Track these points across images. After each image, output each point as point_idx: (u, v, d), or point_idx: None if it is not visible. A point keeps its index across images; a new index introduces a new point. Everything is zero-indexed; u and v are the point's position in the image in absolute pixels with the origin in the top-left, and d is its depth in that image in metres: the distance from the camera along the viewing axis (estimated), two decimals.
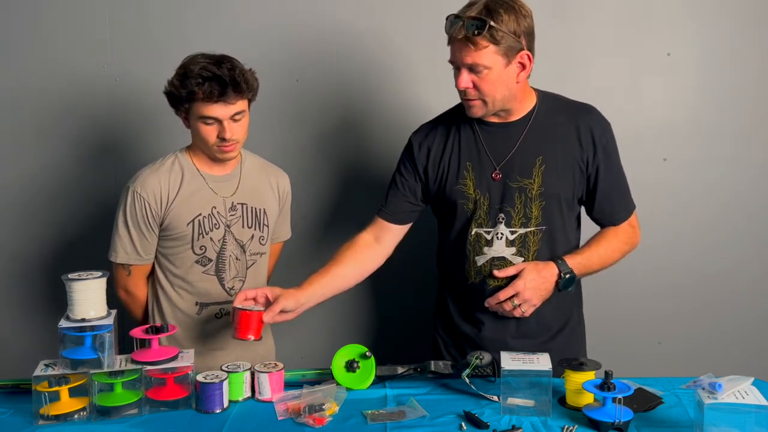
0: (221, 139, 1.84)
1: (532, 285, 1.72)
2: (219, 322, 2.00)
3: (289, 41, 2.51)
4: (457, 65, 1.70)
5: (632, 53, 2.46)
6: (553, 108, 1.81)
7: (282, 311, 1.69)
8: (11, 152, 2.60)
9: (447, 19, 1.68)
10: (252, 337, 1.69)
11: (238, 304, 1.69)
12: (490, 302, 1.77)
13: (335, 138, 2.57)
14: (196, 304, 1.98)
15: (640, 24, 2.45)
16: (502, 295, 1.74)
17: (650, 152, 2.47)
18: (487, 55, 1.64)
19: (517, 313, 1.74)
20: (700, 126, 2.50)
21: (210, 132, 1.85)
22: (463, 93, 1.73)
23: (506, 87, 1.70)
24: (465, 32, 1.62)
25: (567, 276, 1.74)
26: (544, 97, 1.83)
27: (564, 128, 1.78)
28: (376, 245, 1.95)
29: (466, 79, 1.69)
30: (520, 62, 1.69)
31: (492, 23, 1.60)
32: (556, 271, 1.74)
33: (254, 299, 1.73)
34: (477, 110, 1.75)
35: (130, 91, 2.53)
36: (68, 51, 2.52)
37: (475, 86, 1.69)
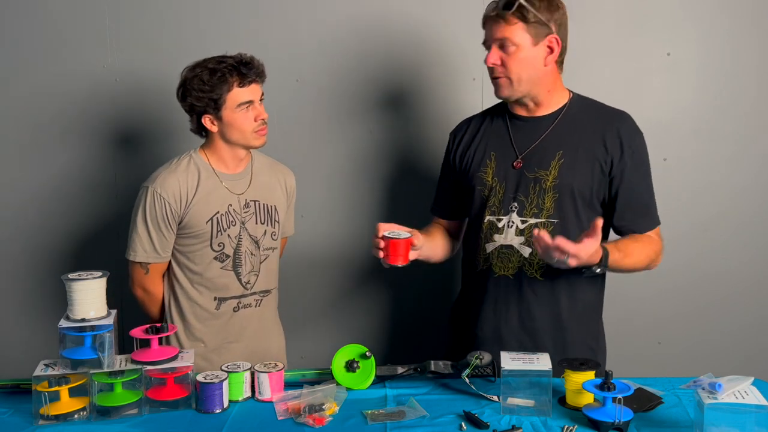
0: (259, 122, 1.95)
1: (579, 261, 1.60)
2: (236, 316, 2.05)
3: (289, 41, 2.51)
4: (488, 43, 1.78)
5: (632, 53, 2.47)
6: (585, 108, 1.85)
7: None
8: (11, 152, 2.60)
9: (487, 8, 1.78)
10: (401, 263, 1.71)
11: (385, 232, 1.70)
12: (547, 240, 1.58)
13: (335, 138, 2.58)
14: (215, 299, 2.02)
15: (640, 24, 2.45)
16: (566, 244, 1.56)
17: (650, 152, 2.46)
18: (515, 31, 1.73)
19: (557, 256, 1.58)
20: (700, 126, 2.50)
21: (248, 118, 1.94)
22: (491, 71, 1.79)
23: (533, 67, 1.76)
24: (498, 10, 1.72)
25: (597, 270, 1.68)
26: (578, 98, 1.87)
27: (591, 128, 1.81)
28: (449, 236, 2.04)
29: (494, 55, 1.77)
30: (548, 45, 1.75)
31: (522, 2, 1.70)
32: (598, 260, 1.65)
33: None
34: (504, 89, 1.80)
35: (130, 91, 2.53)
36: (68, 51, 2.53)
37: (502, 63, 1.76)
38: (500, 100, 1.87)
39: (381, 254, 1.71)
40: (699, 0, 2.44)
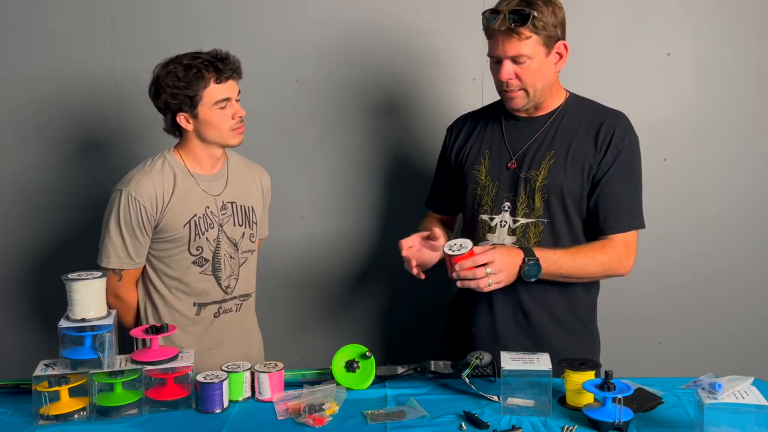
0: (237, 119, 1.90)
1: (503, 259, 1.66)
2: (217, 321, 2.01)
3: (289, 41, 2.51)
4: (499, 58, 1.75)
5: (632, 53, 2.47)
6: (581, 109, 1.85)
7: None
8: (11, 152, 2.60)
9: (483, 15, 1.74)
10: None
11: (446, 250, 1.65)
12: (462, 266, 1.64)
13: (335, 138, 2.58)
14: (194, 304, 1.97)
15: (640, 24, 2.45)
16: (479, 259, 1.63)
17: (650, 152, 2.45)
18: (530, 45, 1.71)
19: (484, 283, 1.64)
20: (700, 126, 2.50)
21: (225, 116, 1.88)
22: (505, 84, 1.77)
23: (546, 76, 1.77)
24: (508, 24, 1.68)
25: (530, 262, 1.69)
26: (575, 98, 1.87)
27: (585, 128, 1.81)
28: (447, 228, 2.03)
29: (509, 70, 1.74)
30: (557, 52, 1.76)
31: (534, 13, 1.67)
32: (522, 255, 1.70)
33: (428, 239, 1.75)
34: (519, 101, 1.79)
35: (130, 91, 2.53)
36: (68, 51, 2.53)
37: (517, 77, 1.75)
38: (498, 98, 1.87)
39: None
40: (699, 0, 2.44)
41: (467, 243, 1.64)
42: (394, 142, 2.58)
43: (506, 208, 1.83)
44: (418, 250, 1.77)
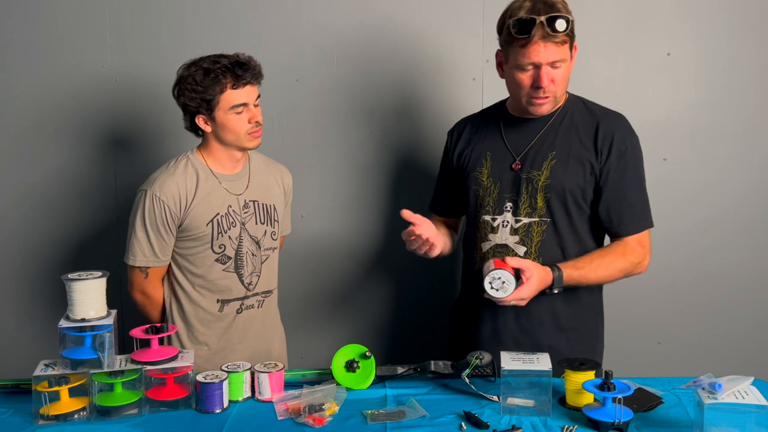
0: (253, 124, 1.93)
1: (530, 293, 1.69)
2: (240, 318, 2.05)
3: (289, 41, 2.51)
4: (536, 64, 1.70)
5: (632, 53, 2.47)
6: (581, 110, 1.85)
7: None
8: (11, 152, 2.60)
9: (511, 22, 1.68)
10: None
11: (489, 290, 1.67)
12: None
13: (335, 138, 2.58)
14: (218, 301, 2.01)
15: (640, 24, 2.45)
16: (510, 299, 1.68)
17: (650, 152, 2.45)
18: (565, 50, 1.72)
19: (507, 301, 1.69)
20: (700, 126, 2.50)
21: (241, 120, 1.92)
22: (542, 91, 1.73)
23: (568, 79, 1.78)
24: (549, 30, 1.65)
25: (555, 291, 1.75)
26: (575, 99, 1.88)
27: (585, 129, 1.81)
28: (450, 229, 2.05)
29: (548, 76, 1.71)
30: (573, 54, 1.77)
31: (571, 18, 1.68)
32: (549, 283, 1.73)
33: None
34: (548, 106, 1.80)
35: (130, 91, 2.53)
36: (68, 51, 2.53)
37: (551, 82, 1.74)
38: (497, 100, 1.88)
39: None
40: (699, 0, 2.44)
41: (509, 283, 1.64)
42: (394, 142, 2.58)
43: (508, 208, 1.83)
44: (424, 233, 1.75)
